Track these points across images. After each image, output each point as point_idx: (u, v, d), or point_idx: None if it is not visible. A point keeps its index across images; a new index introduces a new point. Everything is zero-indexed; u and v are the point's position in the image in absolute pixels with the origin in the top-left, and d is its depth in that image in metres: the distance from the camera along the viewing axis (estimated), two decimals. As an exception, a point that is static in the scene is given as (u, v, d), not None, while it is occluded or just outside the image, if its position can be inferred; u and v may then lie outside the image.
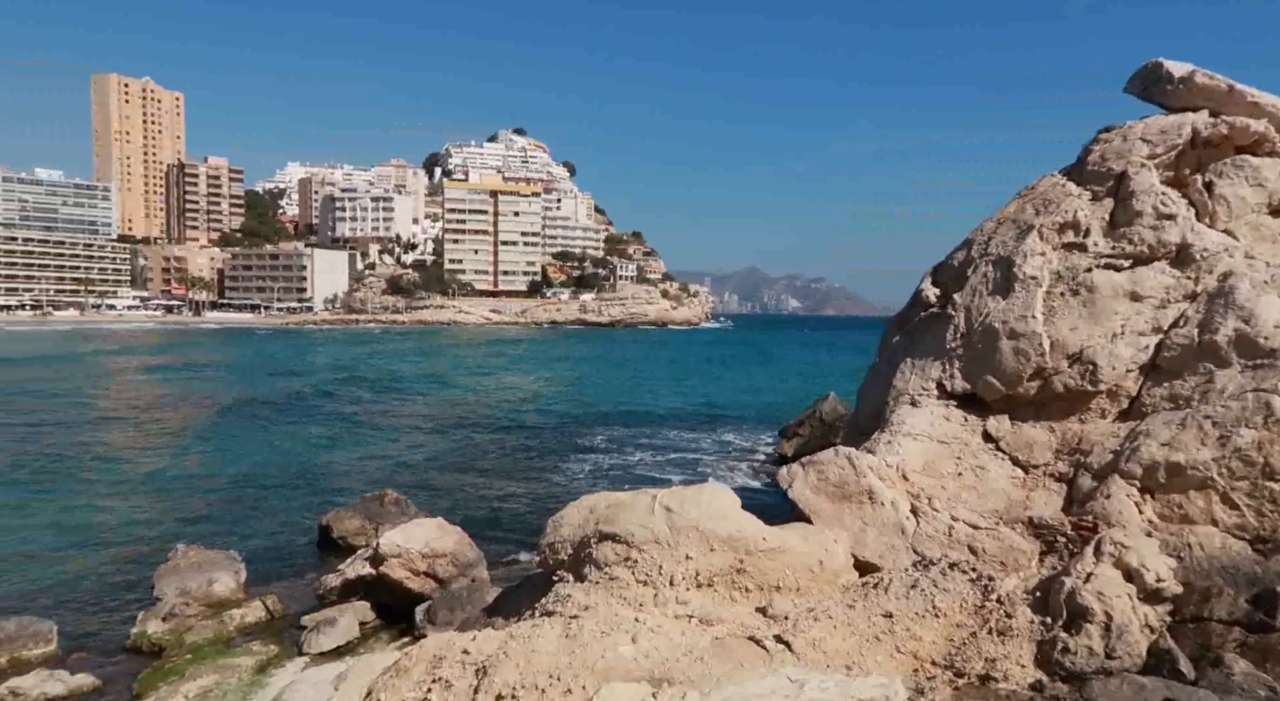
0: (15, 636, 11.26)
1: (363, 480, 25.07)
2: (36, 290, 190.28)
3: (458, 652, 8.76)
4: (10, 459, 27.56)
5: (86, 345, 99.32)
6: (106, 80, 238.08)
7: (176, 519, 20.59)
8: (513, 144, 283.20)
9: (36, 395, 46.17)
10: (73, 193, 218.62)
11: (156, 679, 10.40)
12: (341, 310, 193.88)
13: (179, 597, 12.97)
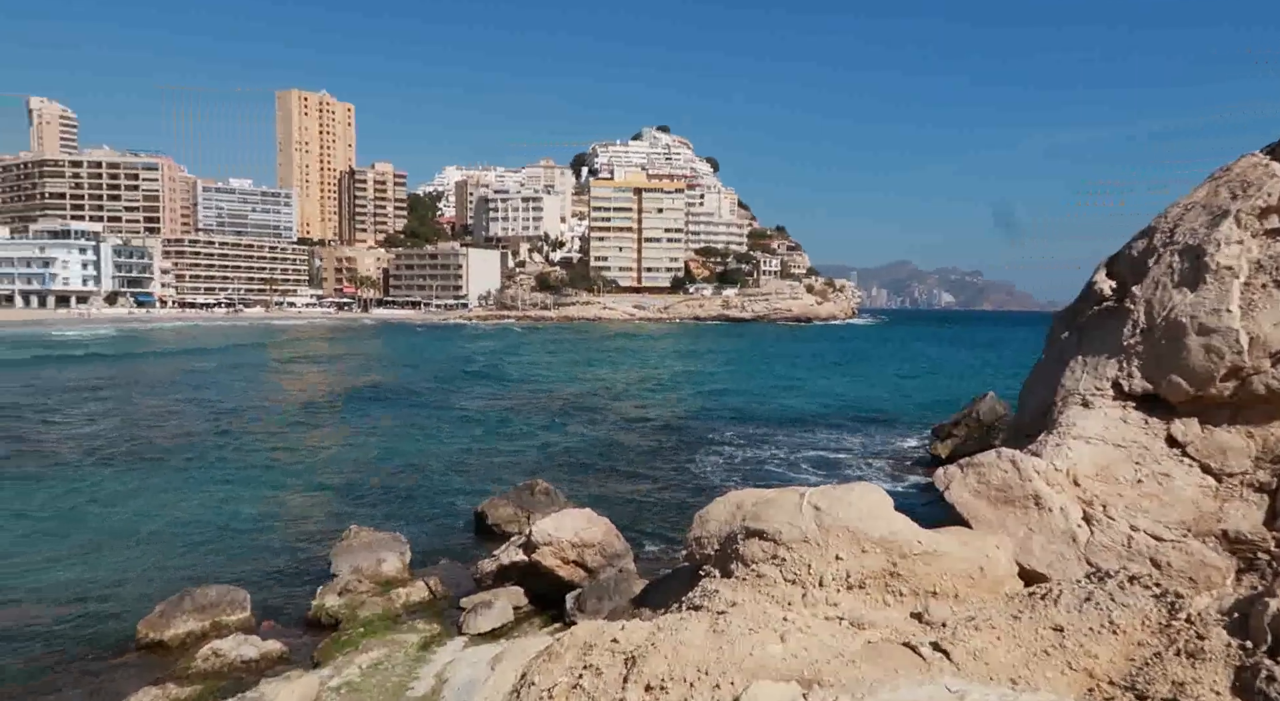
0: (216, 602, 12.46)
1: (513, 469, 26.08)
2: (230, 289, 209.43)
3: (607, 641, 8.94)
4: (213, 441, 30.53)
5: (269, 338, 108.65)
6: (289, 96, 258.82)
7: (348, 500, 22.14)
8: (656, 141, 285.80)
9: (229, 382, 50.90)
10: (260, 199, 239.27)
11: (334, 649, 11.21)
12: (493, 306, 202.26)
13: (352, 574, 13.94)
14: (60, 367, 60.37)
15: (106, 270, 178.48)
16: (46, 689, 10.66)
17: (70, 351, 77.79)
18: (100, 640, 12.56)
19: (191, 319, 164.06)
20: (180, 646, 11.75)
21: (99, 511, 20.39)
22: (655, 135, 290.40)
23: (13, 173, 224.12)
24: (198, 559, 16.85)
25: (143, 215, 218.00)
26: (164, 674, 10.79)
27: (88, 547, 17.33)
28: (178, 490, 23.04)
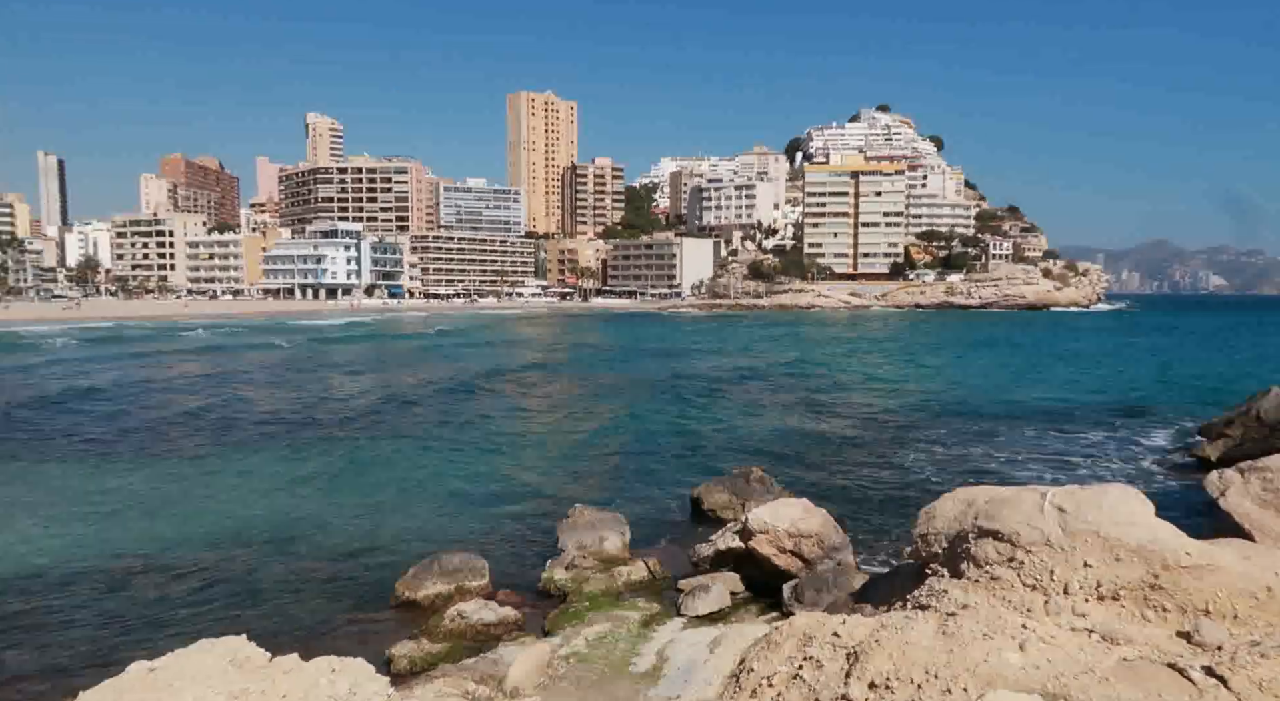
0: (459, 569, 13.61)
1: (726, 455, 26.26)
2: (466, 281, 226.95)
3: (828, 634, 8.76)
4: (449, 418, 33.34)
5: (502, 326, 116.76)
6: (518, 98, 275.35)
7: (571, 479, 23.35)
8: (875, 122, 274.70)
9: (466, 366, 55.26)
10: (493, 197, 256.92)
11: (562, 620, 11.88)
12: (706, 295, 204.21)
13: (577, 551, 14.68)
14: (334, 345, 68.59)
15: (366, 265, 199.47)
16: (324, 632, 12.14)
17: (346, 333, 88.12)
18: (364, 594, 14.12)
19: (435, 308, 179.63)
20: (430, 606, 12.95)
21: (358, 478, 22.92)
22: (874, 116, 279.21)
23: (293, 180, 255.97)
24: (441, 526, 18.48)
25: (395, 214, 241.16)
26: (417, 630, 11.94)
27: (351, 511, 19.54)
28: (421, 461, 25.41)
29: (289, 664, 6.96)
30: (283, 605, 13.66)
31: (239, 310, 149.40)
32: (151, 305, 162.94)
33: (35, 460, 25.01)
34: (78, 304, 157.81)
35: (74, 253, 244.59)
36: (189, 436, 29.05)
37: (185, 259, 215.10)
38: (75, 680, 10.53)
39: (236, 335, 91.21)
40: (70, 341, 78.23)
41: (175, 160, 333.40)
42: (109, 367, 53.54)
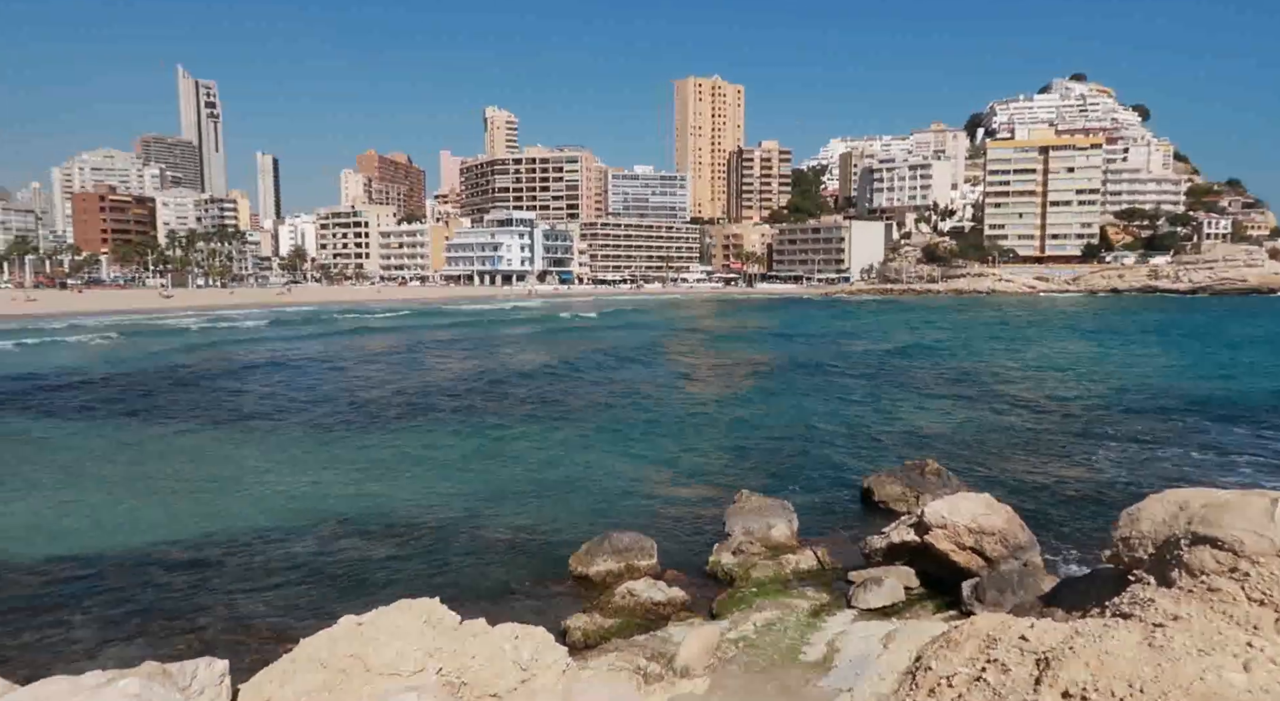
0: (630, 547, 13.96)
1: (899, 445, 25.33)
2: (633, 267, 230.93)
3: (1014, 637, 8.27)
4: (616, 399, 34.17)
5: (666, 310, 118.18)
6: (685, 84, 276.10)
7: (737, 463, 23.32)
8: (1068, 92, 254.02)
9: (631, 349, 56.39)
10: (659, 183, 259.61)
11: (730, 604, 11.92)
12: (876, 280, 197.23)
13: (744, 536, 14.66)
14: (506, 327, 72.15)
15: (538, 252, 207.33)
16: (503, 600, 12.82)
17: (518, 316, 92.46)
18: (540, 567, 14.77)
19: (602, 293, 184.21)
20: (601, 582, 13.37)
21: (534, 455, 23.95)
22: (1067, 86, 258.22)
23: (473, 172, 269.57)
24: (609, 505, 19.01)
25: (565, 202, 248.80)
26: (590, 604, 12.36)
27: (528, 486, 20.48)
28: (590, 440, 26.20)
29: (477, 628, 7.40)
30: (466, 572, 14.53)
31: (424, 295, 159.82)
32: (349, 291, 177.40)
33: (256, 428, 27.90)
34: (289, 289, 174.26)
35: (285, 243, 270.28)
36: (381, 411, 31.42)
37: (378, 248, 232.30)
38: (293, 628, 11.71)
39: (421, 318, 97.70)
40: (282, 322, 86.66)
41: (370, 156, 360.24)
42: (316, 346, 58.90)
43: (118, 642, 11.21)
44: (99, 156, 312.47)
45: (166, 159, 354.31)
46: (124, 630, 11.70)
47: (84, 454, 24.09)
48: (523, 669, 7.10)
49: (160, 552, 15.17)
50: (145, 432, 27.30)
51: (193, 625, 11.88)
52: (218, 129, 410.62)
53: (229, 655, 7.85)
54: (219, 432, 27.55)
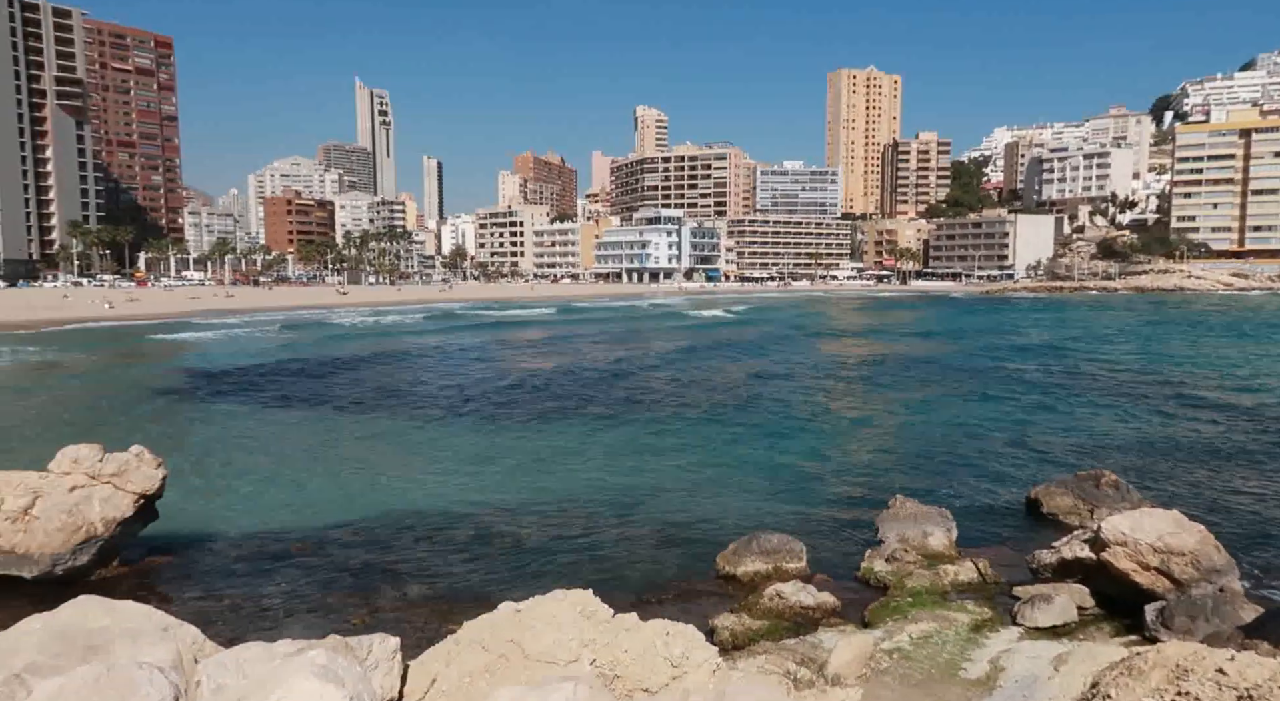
0: (778, 549, 13.76)
1: (1068, 454, 23.67)
2: (780, 264, 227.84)
3: (1209, 670, 7.52)
4: (765, 396, 33.79)
5: (815, 307, 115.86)
6: (839, 76, 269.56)
7: (890, 467, 22.51)
8: (1278, 68, 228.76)
9: (780, 345, 55.63)
10: (809, 178, 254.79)
11: (883, 613, 11.51)
12: (1044, 276, 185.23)
13: (899, 543, 14.11)
14: (651, 323, 73.06)
15: (685, 249, 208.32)
16: (651, 596, 12.94)
17: (659, 311, 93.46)
18: (687, 564, 14.82)
19: (749, 291, 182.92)
20: (749, 583, 13.26)
21: (682, 453, 24.07)
22: (1276, 60, 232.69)
23: (623, 171, 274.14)
24: (757, 505, 18.81)
25: (713, 200, 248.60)
26: (737, 605, 12.27)
27: (676, 483, 20.61)
28: (737, 439, 26.04)
29: (629, 622, 7.49)
30: (615, 565, 14.79)
31: (574, 292, 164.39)
32: (504, 288, 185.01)
33: (416, 417, 29.59)
34: (450, 286, 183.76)
35: (447, 242, 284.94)
36: (531, 403, 32.53)
37: (532, 246, 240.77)
38: (453, 609, 12.31)
39: (569, 313, 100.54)
40: (441, 317, 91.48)
41: (525, 157, 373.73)
42: (471, 339, 61.83)
43: (300, 614, 12.17)
44: (287, 164, 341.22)
45: (344, 164, 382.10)
46: (306, 603, 12.69)
47: (271, 436, 26.34)
48: (674, 666, 7.13)
49: (336, 532, 16.35)
50: (324, 419, 29.54)
51: (364, 602, 12.72)
52: (389, 135, 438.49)
53: (396, 632, 8.31)
54: (385, 420, 29.42)
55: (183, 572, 14.04)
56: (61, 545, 12.67)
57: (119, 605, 7.03)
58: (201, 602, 12.34)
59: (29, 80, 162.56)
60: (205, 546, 15.32)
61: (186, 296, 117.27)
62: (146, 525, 14.27)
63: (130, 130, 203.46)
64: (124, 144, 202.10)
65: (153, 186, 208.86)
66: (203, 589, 13.22)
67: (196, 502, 17.67)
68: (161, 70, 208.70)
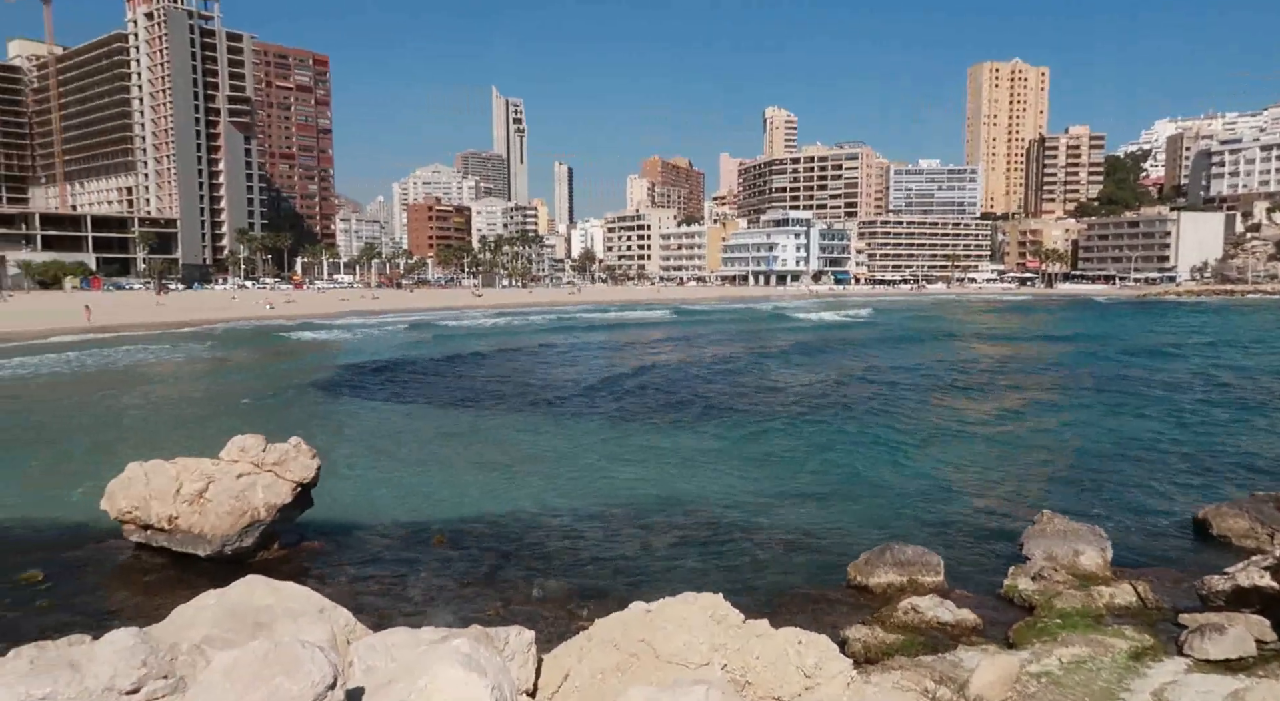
0: (912, 561, 13.25)
1: (1241, 472, 21.69)
2: (914, 266, 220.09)
3: None
4: (900, 400, 32.66)
5: (949, 309, 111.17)
6: (980, 70, 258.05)
7: (1037, 480, 21.28)
8: None
9: (914, 347, 53.65)
10: (946, 177, 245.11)
11: (1030, 633, 10.86)
12: (1212, 279, 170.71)
13: (1046, 561, 13.31)
14: (774, 323, 72.09)
15: (814, 252, 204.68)
16: (779, 603, 12.74)
17: (784, 314, 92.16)
18: (815, 572, 14.50)
19: (879, 293, 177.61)
20: (882, 594, 12.82)
21: (812, 458, 23.60)
22: None
23: (751, 173, 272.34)
24: (890, 514, 18.19)
25: (844, 201, 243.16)
26: (870, 617, 11.89)
27: (805, 488, 20.23)
28: (869, 445, 25.27)
29: (760, 628, 7.38)
30: (742, 570, 14.65)
31: (699, 295, 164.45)
32: (632, 290, 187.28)
33: (545, 414, 30.33)
34: (579, 289, 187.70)
35: (577, 246, 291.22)
36: (655, 403, 32.70)
37: (659, 249, 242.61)
38: (581, 606, 12.52)
39: (692, 315, 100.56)
40: (570, 318, 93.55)
41: (653, 161, 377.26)
42: (598, 338, 62.89)
43: (439, 602, 12.69)
44: (428, 172, 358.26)
45: (480, 171, 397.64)
46: (444, 592, 13.22)
47: (411, 430, 27.67)
48: (806, 676, 6.97)
49: (472, 525, 16.98)
50: (460, 413, 30.78)
51: (499, 594, 13.12)
52: (523, 142, 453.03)
53: (528, 625, 8.50)
54: (516, 416, 30.35)
55: (333, 558, 14.92)
56: (230, 527, 13.72)
57: (281, 586, 7.53)
58: (350, 587, 13.07)
59: (205, 100, 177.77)
60: (353, 534, 16.23)
61: (337, 298, 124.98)
62: (302, 512, 15.25)
63: (290, 143, 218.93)
64: (284, 156, 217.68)
65: (309, 195, 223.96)
66: (351, 574, 14.00)
67: (345, 492, 18.74)
68: (319, 86, 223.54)
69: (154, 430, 27.92)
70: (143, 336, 64.19)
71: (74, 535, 15.73)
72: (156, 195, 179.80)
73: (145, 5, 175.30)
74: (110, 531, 14.95)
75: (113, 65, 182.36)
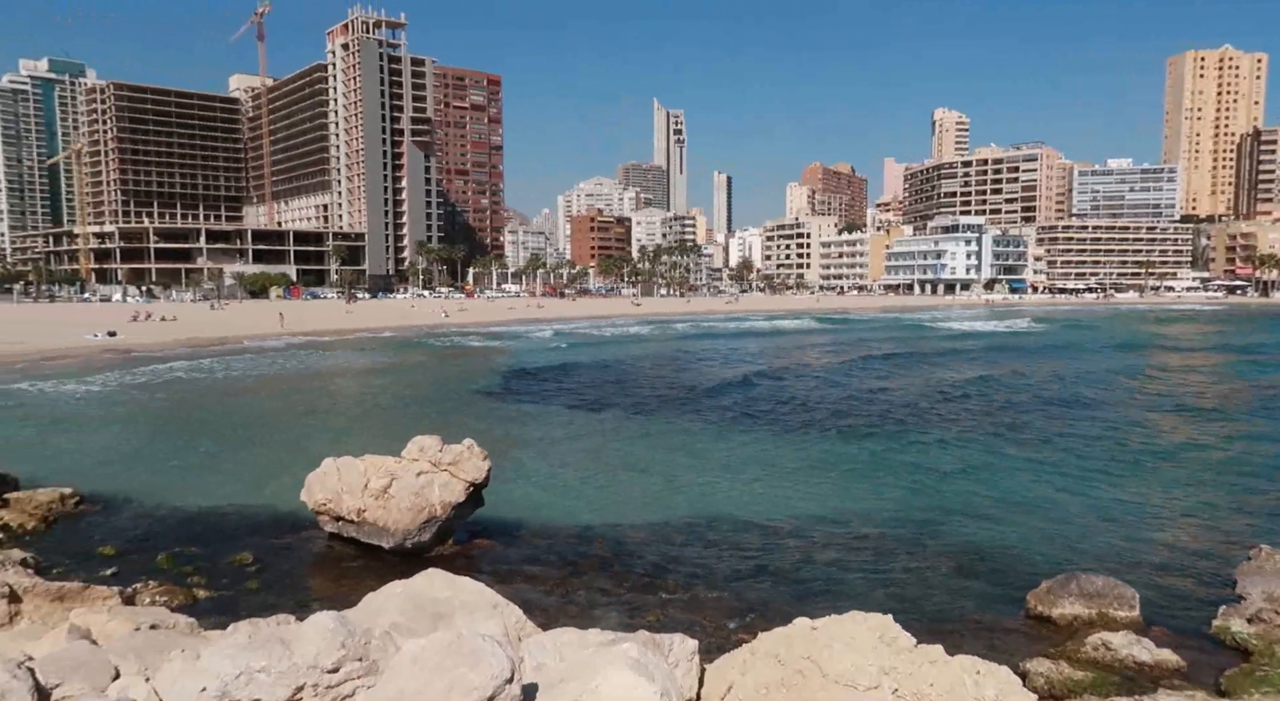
0: (1102, 593, 12.21)
1: None
2: (1101, 274, 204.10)
3: None
4: (1096, 423, 30.26)
5: (1139, 321, 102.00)
6: (1181, 60, 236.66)
7: (1249, 513, 19.11)
8: None
9: (1108, 366, 49.60)
10: (1139, 178, 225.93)
11: (1245, 682, 9.74)
12: None
13: (1265, 602, 11.90)
14: (939, 325, 68.74)
15: (986, 259, 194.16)
16: (950, 628, 12.07)
17: (944, 322, 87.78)
18: (990, 599, 13.65)
19: (1059, 303, 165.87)
20: (1067, 627, 11.90)
21: (984, 474, 22.28)
22: None
23: (917, 177, 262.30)
24: (1076, 540, 16.87)
25: (1020, 205, 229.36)
26: (1054, 650, 11.06)
27: (980, 509, 19.11)
28: (1050, 464, 23.56)
29: (934, 653, 7.02)
30: (908, 590, 14.02)
31: (859, 305, 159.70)
32: (789, 300, 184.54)
33: (710, 423, 30.34)
34: (736, 298, 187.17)
35: (734, 255, 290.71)
36: (820, 416, 31.94)
37: (818, 258, 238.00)
38: (739, 619, 12.41)
39: (849, 325, 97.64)
40: (725, 326, 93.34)
41: (814, 169, 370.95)
42: (753, 347, 62.32)
43: (600, 606, 12.94)
44: (591, 184, 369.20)
45: (641, 182, 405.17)
46: (606, 595, 13.48)
47: (573, 435, 28.47)
48: (985, 709, 6.56)
49: (633, 531, 17.22)
50: (620, 420, 31.37)
51: (658, 600, 13.23)
52: (683, 153, 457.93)
53: (687, 633, 8.50)
54: (674, 423, 30.56)
55: (501, 556, 15.57)
56: (410, 522, 14.62)
57: (458, 580, 7.94)
58: (517, 585, 13.58)
59: (391, 122, 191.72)
60: (519, 533, 16.88)
61: (505, 307, 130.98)
62: (474, 511, 16.02)
63: (465, 160, 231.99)
64: (459, 172, 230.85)
65: (480, 209, 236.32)
66: (518, 572, 14.56)
67: (512, 493, 19.52)
68: (491, 105, 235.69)
69: (342, 427, 30.30)
70: (333, 342, 69.91)
71: (278, 522, 17.29)
72: (347, 211, 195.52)
73: (343, 37, 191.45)
74: (308, 521, 16.32)
75: (313, 93, 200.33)
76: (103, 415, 31.86)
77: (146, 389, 39.94)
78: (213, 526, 17.15)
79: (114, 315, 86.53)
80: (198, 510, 18.35)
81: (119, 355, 54.91)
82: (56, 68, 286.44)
